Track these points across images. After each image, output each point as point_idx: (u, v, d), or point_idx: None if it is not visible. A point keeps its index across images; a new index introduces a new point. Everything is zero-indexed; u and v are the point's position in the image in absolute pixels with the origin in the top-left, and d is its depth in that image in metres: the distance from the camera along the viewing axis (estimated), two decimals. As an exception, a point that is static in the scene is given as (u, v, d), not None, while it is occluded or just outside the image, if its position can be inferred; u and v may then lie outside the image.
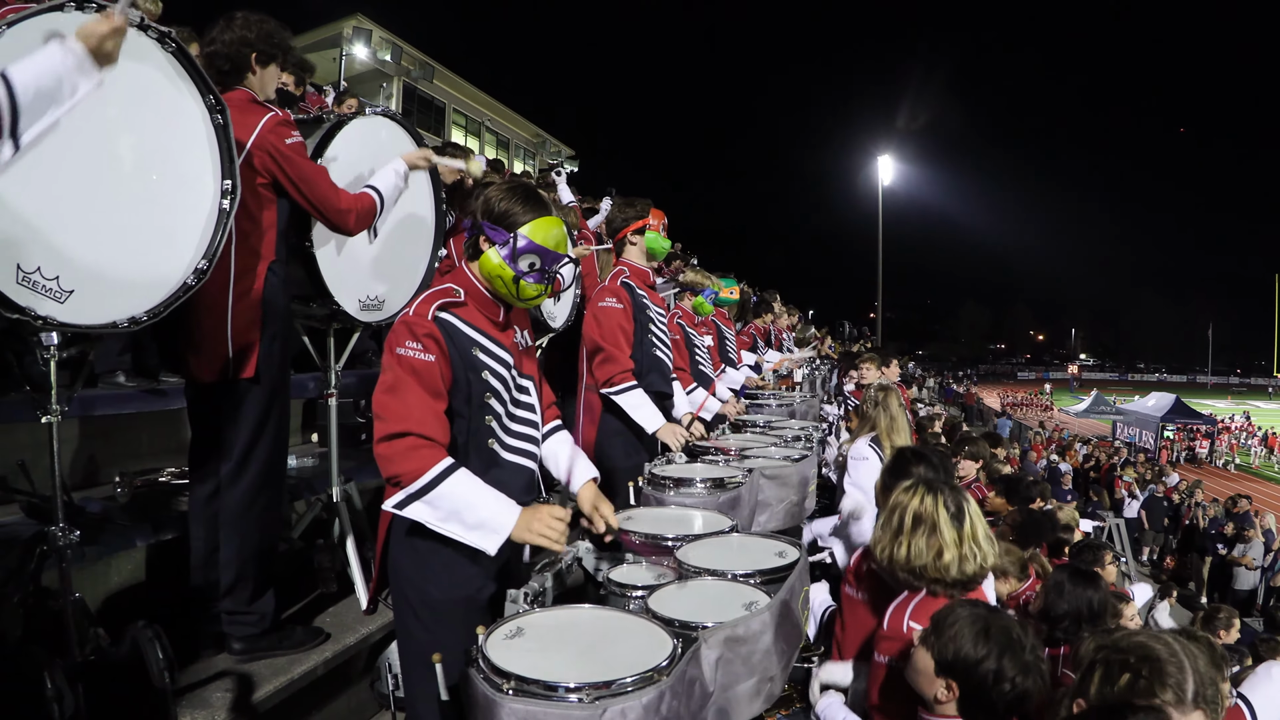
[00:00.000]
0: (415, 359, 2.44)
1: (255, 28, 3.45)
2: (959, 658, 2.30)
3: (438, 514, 2.38)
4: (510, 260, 2.58)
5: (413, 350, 2.44)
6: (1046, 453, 25.39)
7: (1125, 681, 1.84)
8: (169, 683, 2.80)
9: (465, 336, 2.57)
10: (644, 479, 3.49)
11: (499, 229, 2.60)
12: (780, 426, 5.21)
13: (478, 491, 2.41)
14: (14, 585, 2.89)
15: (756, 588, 2.37)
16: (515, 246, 2.58)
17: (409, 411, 2.40)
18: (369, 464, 5.09)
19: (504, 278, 2.60)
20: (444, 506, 2.37)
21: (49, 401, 2.80)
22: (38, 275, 2.59)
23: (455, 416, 2.58)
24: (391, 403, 2.42)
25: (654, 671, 1.79)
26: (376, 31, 26.06)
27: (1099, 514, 16.86)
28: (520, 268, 2.59)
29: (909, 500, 2.82)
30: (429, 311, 2.50)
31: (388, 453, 2.38)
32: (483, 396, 2.60)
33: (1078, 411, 46.17)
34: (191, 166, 3.08)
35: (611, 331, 4.37)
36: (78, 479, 4.41)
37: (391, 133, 4.18)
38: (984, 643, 2.26)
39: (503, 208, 2.62)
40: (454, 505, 2.37)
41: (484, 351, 2.61)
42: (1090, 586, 3.66)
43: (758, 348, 9.05)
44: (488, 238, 2.62)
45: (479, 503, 2.39)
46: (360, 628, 3.90)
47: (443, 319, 2.53)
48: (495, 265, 2.59)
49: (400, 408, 2.40)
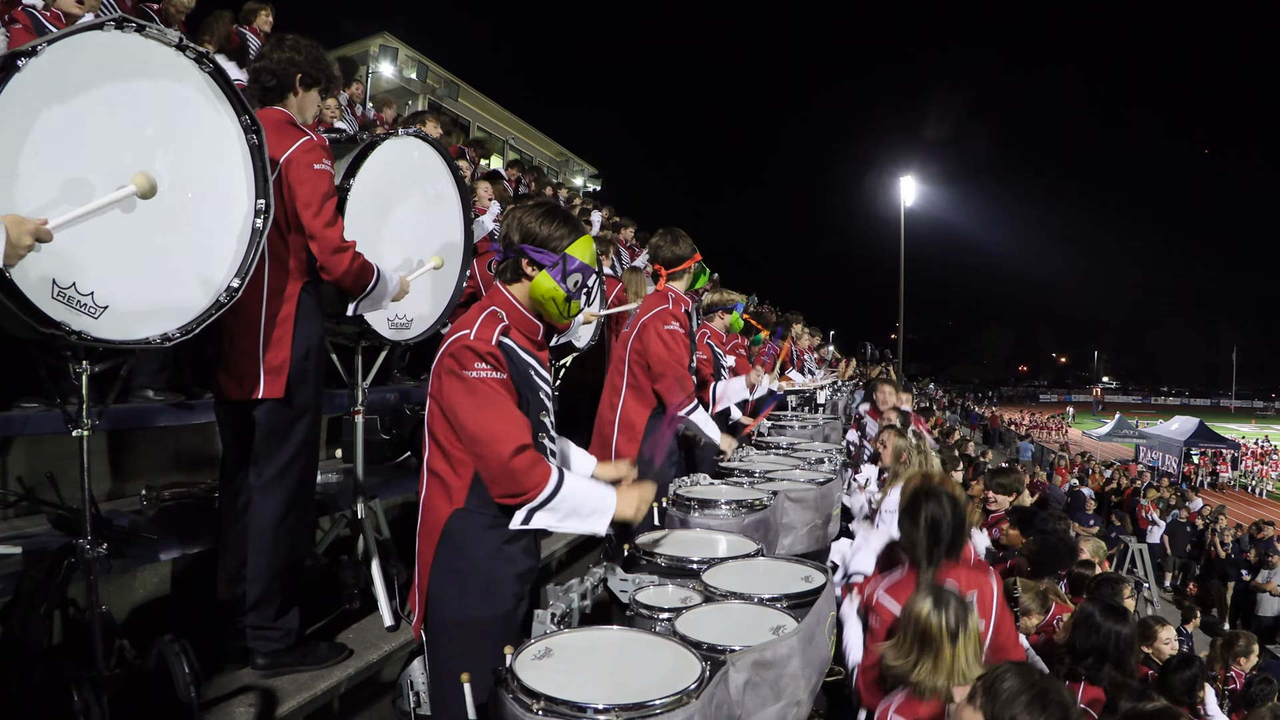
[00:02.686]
0: (493, 378, 2.49)
1: (305, 51, 3.51)
2: None
3: (557, 515, 2.52)
4: (561, 280, 2.65)
5: (485, 371, 2.49)
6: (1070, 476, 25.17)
7: None
8: (194, 697, 2.81)
9: (522, 360, 2.63)
10: (668, 499, 3.49)
11: (545, 252, 2.65)
12: (804, 449, 5.20)
13: (584, 486, 2.60)
14: (41, 597, 2.91)
15: (783, 612, 2.36)
16: (566, 268, 2.65)
17: (512, 427, 2.47)
18: (393, 481, 5.18)
19: (557, 299, 2.66)
20: (563, 508, 2.51)
21: (80, 415, 2.82)
22: (73, 290, 2.62)
23: None
24: (493, 422, 2.47)
25: (683, 694, 1.79)
26: (402, 50, 26.25)
27: (1121, 539, 16.71)
28: (569, 287, 2.67)
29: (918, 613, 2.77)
30: (493, 337, 2.54)
31: (515, 469, 2.45)
32: (538, 415, 2.67)
33: (1101, 435, 45.71)
34: (226, 185, 3.11)
35: (679, 355, 4.49)
36: (105, 492, 4.44)
37: (423, 153, 4.22)
38: (1040, 712, 2.22)
39: (546, 231, 2.67)
40: (573, 504, 2.52)
41: (535, 372, 2.67)
42: (1120, 622, 3.61)
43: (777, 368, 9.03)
44: (533, 261, 2.66)
45: (588, 495, 2.58)
46: (383, 644, 3.90)
47: (505, 344, 2.57)
48: (549, 287, 2.65)
49: (504, 425, 2.47)
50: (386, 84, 26.00)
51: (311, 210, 3.40)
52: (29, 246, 2.32)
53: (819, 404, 8.30)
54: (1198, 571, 17.79)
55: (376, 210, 3.89)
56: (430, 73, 27.33)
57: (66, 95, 2.58)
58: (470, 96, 30.02)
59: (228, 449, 3.57)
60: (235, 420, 3.50)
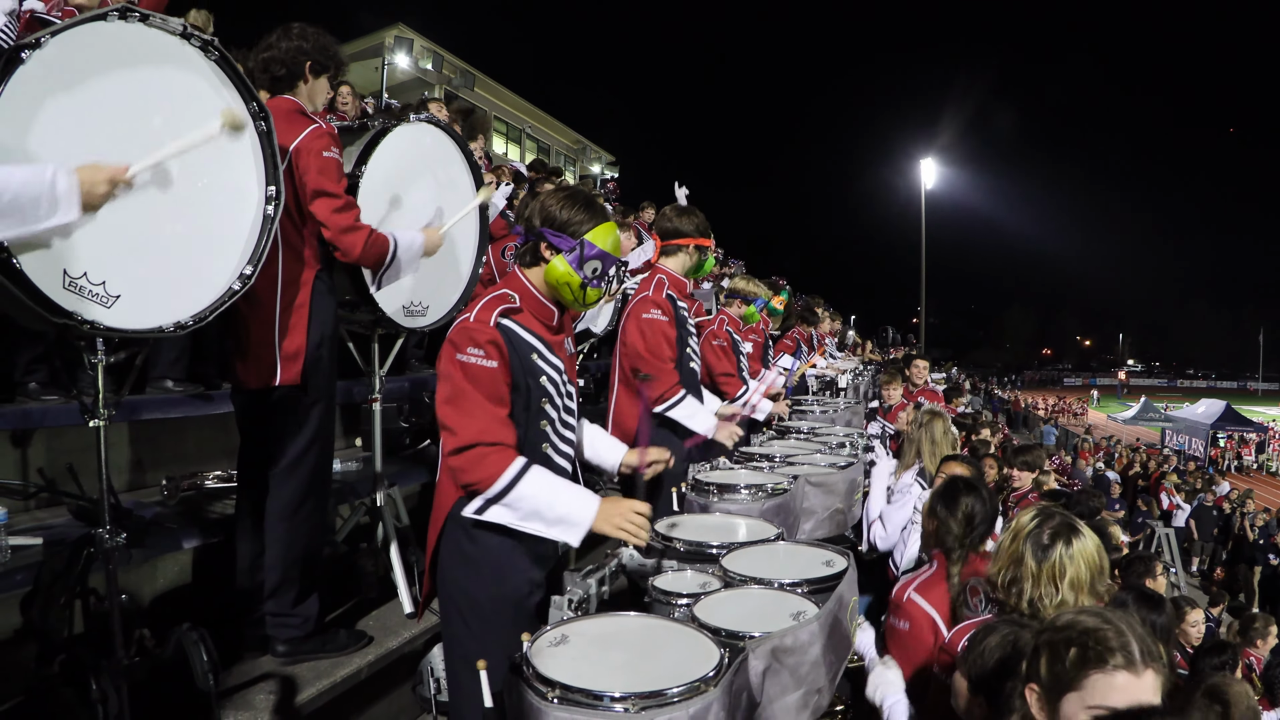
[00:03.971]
0: (476, 365, 2.45)
1: (313, 39, 3.50)
2: (983, 675, 2.24)
3: (518, 514, 2.44)
4: (577, 267, 2.61)
5: (474, 357, 2.45)
6: (1094, 460, 24.97)
7: (1074, 656, 1.82)
8: (213, 685, 2.81)
9: (524, 343, 2.59)
10: (687, 485, 3.45)
11: (563, 236, 2.62)
12: (825, 433, 5.15)
13: (554, 487, 2.48)
14: (61, 587, 2.92)
15: (804, 597, 2.32)
16: (583, 253, 2.61)
17: (473, 421, 2.42)
18: (412, 469, 5.16)
19: (571, 284, 2.62)
20: (523, 507, 2.43)
21: (96, 406, 2.82)
22: (84, 280, 2.61)
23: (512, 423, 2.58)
24: (454, 415, 2.44)
25: (701, 682, 1.75)
26: (418, 41, 26.32)
27: (1148, 523, 16.55)
28: (585, 274, 2.62)
29: (1017, 522, 2.71)
30: (490, 318, 2.51)
31: (459, 464, 2.43)
32: (540, 402, 2.62)
33: (1126, 418, 45.32)
34: (236, 173, 3.10)
35: (656, 344, 4.22)
36: (125, 482, 4.46)
37: (435, 139, 4.20)
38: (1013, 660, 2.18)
39: (565, 216, 2.63)
40: (534, 504, 2.43)
41: (540, 357, 2.62)
42: (1155, 610, 3.56)
43: (800, 353, 8.98)
44: (550, 245, 2.63)
45: (557, 499, 2.46)
46: (403, 631, 3.91)
47: (504, 325, 2.54)
48: (563, 272, 2.61)
49: (464, 419, 2.43)
50: (402, 75, 26.06)
51: (319, 198, 3.39)
52: (105, 194, 2.42)
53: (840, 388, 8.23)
54: (1224, 556, 17.60)
55: (389, 197, 3.87)
56: (446, 63, 27.39)
57: (71, 86, 2.58)
58: (486, 86, 30.07)
59: (245, 437, 3.58)
60: (252, 408, 3.50)
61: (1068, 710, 1.82)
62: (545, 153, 34.21)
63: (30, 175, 2.24)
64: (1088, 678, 1.80)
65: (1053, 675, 1.86)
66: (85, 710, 2.68)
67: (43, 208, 2.26)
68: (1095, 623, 1.89)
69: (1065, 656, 1.84)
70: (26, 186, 2.22)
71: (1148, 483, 21.24)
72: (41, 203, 2.26)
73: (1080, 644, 1.84)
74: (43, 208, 2.26)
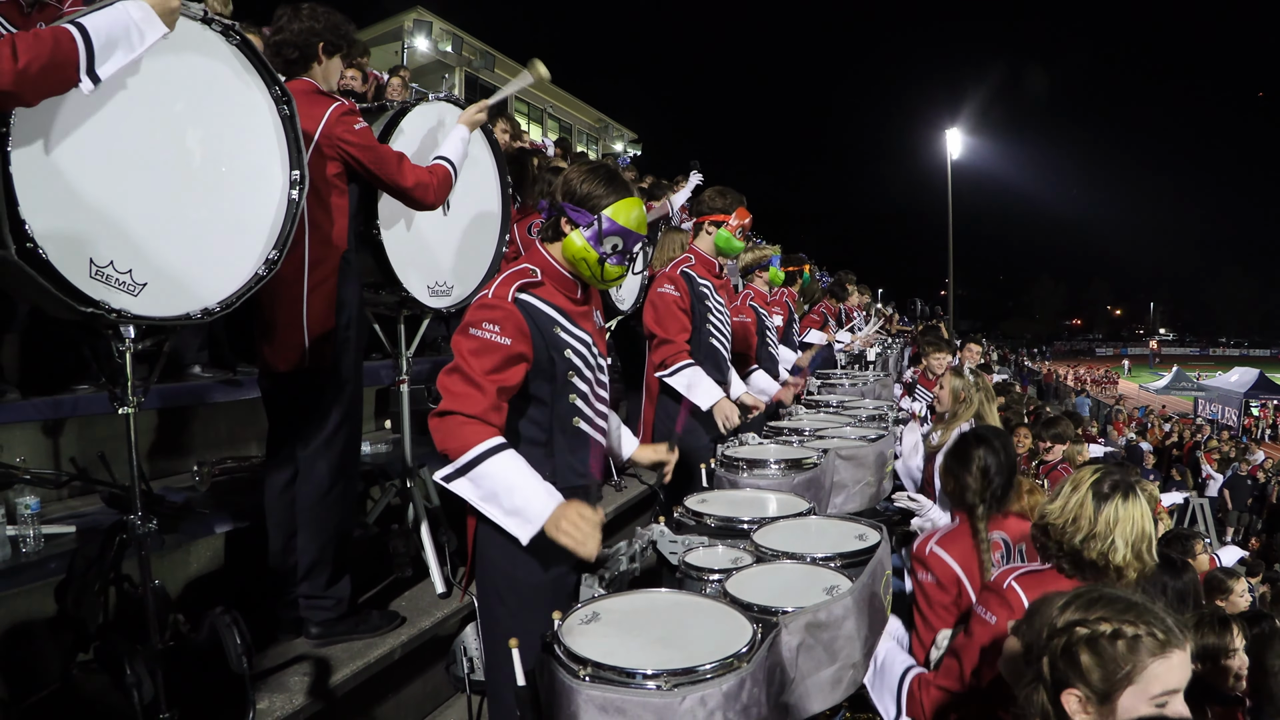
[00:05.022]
0: (486, 339, 2.41)
1: (323, 18, 3.48)
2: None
3: (479, 492, 2.37)
4: (595, 242, 2.57)
5: (487, 331, 2.41)
6: (1128, 429, 24.72)
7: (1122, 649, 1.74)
8: (247, 668, 2.83)
9: (546, 316, 2.55)
10: (716, 461, 3.44)
11: (581, 211, 2.58)
12: (854, 406, 5.11)
13: (520, 476, 2.36)
14: (95, 574, 2.94)
15: (837, 571, 2.30)
16: (600, 229, 2.56)
17: (466, 391, 2.38)
18: (441, 450, 5.16)
19: (589, 260, 2.58)
20: (485, 486, 2.35)
21: (125, 393, 2.83)
22: (111, 269, 2.62)
23: (538, 401, 2.56)
24: (450, 382, 2.41)
25: (734, 658, 1.74)
26: (437, 23, 26.29)
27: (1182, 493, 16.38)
28: (604, 249, 2.57)
29: (1081, 470, 2.70)
30: (508, 293, 2.48)
31: (437, 426, 2.39)
32: (566, 375, 2.58)
33: (1158, 388, 44.80)
34: (260, 158, 3.09)
35: (664, 316, 4.30)
36: (157, 469, 4.49)
37: (454, 117, 4.17)
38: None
39: (585, 190, 2.59)
40: (494, 486, 2.34)
41: (564, 330, 2.58)
42: (1173, 575, 3.52)
43: (828, 326, 8.93)
44: (570, 220, 2.59)
45: (518, 488, 2.34)
46: (435, 611, 3.92)
47: (523, 300, 2.50)
48: (580, 248, 2.57)
49: (458, 386, 2.39)
50: (422, 58, 26.04)
51: (382, 166, 3.43)
52: (175, 9, 2.59)
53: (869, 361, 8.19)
54: (1260, 525, 17.38)
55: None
56: (465, 44, 27.32)
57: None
58: (506, 67, 29.95)
59: (274, 421, 3.59)
60: (280, 392, 3.51)
61: (1126, 704, 1.73)
62: (568, 131, 34.10)
63: (109, 13, 2.43)
64: (1144, 668, 1.72)
65: (1102, 674, 1.76)
66: (120, 696, 2.70)
67: (134, 35, 2.47)
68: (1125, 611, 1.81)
69: (1112, 652, 1.75)
70: (114, 22, 2.42)
71: (1181, 453, 21.03)
72: (131, 31, 2.46)
73: (1121, 636, 1.76)
74: (134, 35, 2.47)
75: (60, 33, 2.30)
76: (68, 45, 2.30)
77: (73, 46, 2.31)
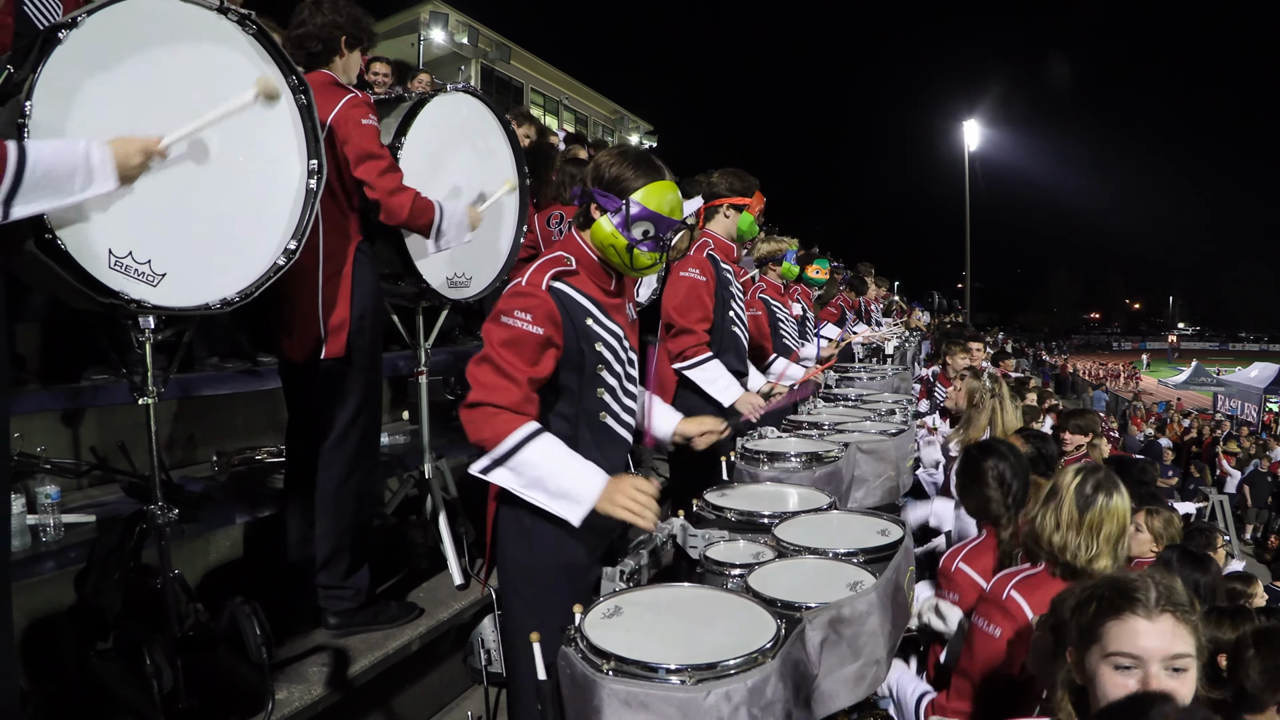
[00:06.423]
0: (519, 328, 2.37)
1: (344, 12, 3.48)
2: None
3: (521, 480, 2.34)
4: (623, 228, 2.50)
5: (519, 320, 2.37)
6: (1145, 426, 24.56)
7: (1094, 609, 1.88)
8: (266, 658, 2.83)
9: (579, 306, 2.51)
10: (736, 454, 3.41)
11: (610, 196, 2.51)
12: (873, 400, 5.08)
13: (562, 458, 2.36)
14: (115, 563, 2.95)
15: (860, 567, 2.27)
16: (628, 214, 2.49)
17: (498, 381, 2.34)
18: (460, 441, 5.11)
19: (617, 246, 2.52)
20: (527, 473, 2.33)
21: (145, 384, 2.83)
22: (130, 260, 2.61)
23: (565, 393, 2.53)
24: (480, 372, 2.37)
25: (758, 653, 1.72)
26: (452, 15, 26.22)
27: (1201, 490, 16.26)
28: (634, 235, 2.51)
29: (1060, 475, 2.73)
30: (543, 281, 2.43)
31: (470, 418, 2.35)
32: (595, 368, 2.54)
33: (1177, 383, 44.49)
34: (277, 148, 3.08)
35: (687, 303, 4.22)
36: (176, 458, 4.50)
37: (472, 108, 4.16)
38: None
39: (614, 173, 2.53)
40: (537, 472, 2.32)
41: (596, 322, 2.53)
42: (1198, 569, 3.48)
43: (845, 321, 8.88)
44: (599, 205, 2.53)
45: (563, 470, 2.34)
46: (453, 603, 3.92)
47: (556, 288, 2.46)
48: (608, 234, 2.51)
49: (489, 377, 2.35)
50: (438, 50, 26.01)
51: (364, 162, 3.37)
52: (140, 165, 2.43)
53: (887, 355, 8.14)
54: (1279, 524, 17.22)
55: (428, 168, 3.83)
56: (482, 36, 27.28)
57: (109, 65, 2.56)
58: (522, 58, 29.95)
59: (292, 411, 3.60)
60: (298, 382, 3.52)
61: (1091, 663, 1.86)
62: (583, 123, 34.04)
63: (63, 147, 2.25)
64: (1104, 627, 1.84)
65: (1079, 631, 1.91)
66: (139, 684, 2.71)
67: (78, 180, 2.28)
68: (1117, 576, 1.97)
69: (1089, 611, 1.90)
70: (60, 159, 2.23)
71: (1200, 449, 20.87)
72: (76, 175, 2.27)
73: (1099, 596, 1.89)
74: (78, 180, 2.28)
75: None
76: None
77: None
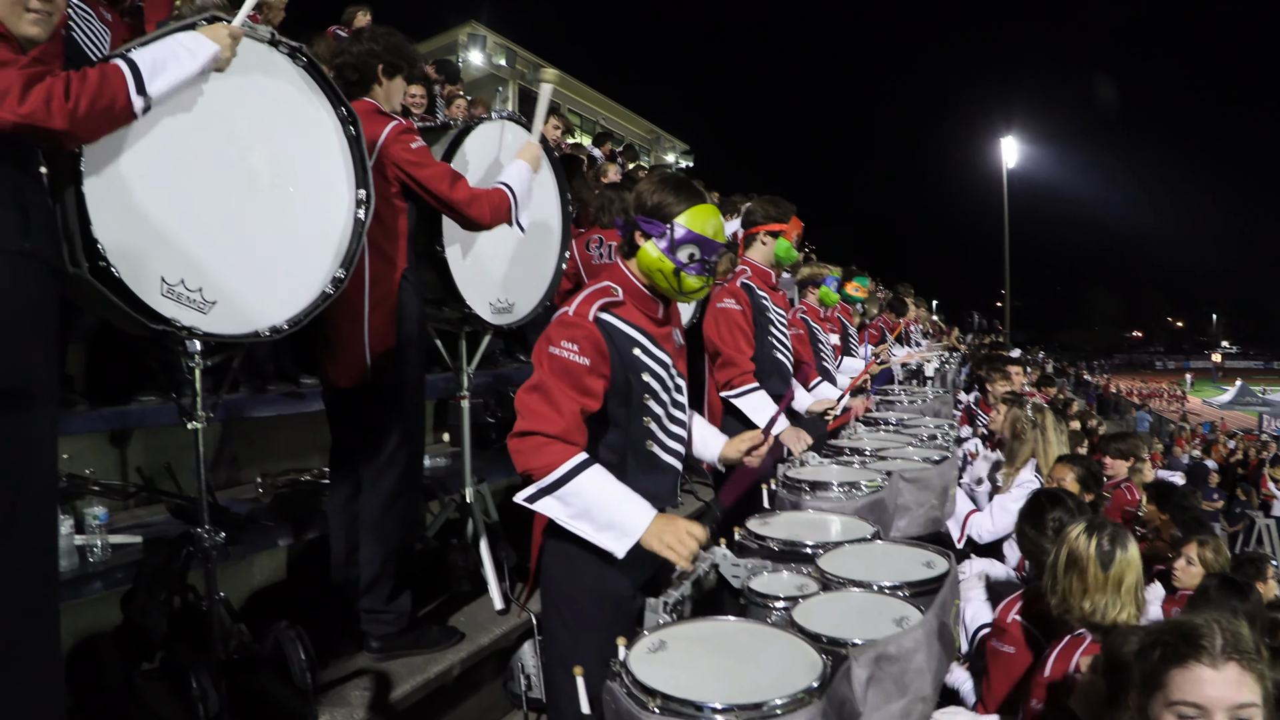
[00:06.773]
0: (566, 359, 2.38)
1: (383, 40, 3.52)
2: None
3: (569, 510, 2.33)
4: (669, 252, 2.51)
5: (566, 350, 2.38)
6: (1190, 447, 24.13)
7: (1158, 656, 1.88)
8: (310, 682, 2.85)
9: (625, 336, 2.51)
10: (777, 482, 3.40)
11: (654, 222, 2.53)
12: (914, 424, 5.03)
13: (611, 490, 2.35)
14: (161, 584, 2.98)
15: (906, 601, 2.25)
16: (673, 238, 2.51)
17: (547, 410, 2.34)
18: (500, 464, 5.19)
19: (664, 271, 2.52)
20: (576, 504, 2.32)
21: (194, 408, 2.87)
22: (181, 287, 2.66)
23: (612, 423, 2.53)
24: (530, 401, 2.37)
25: (805, 693, 1.70)
26: (490, 37, 26.51)
27: (1247, 513, 15.93)
28: (680, 259, 2.52)
29: (1070, 537, 2.75)
30: (590, 312, 2.44)
31: (518, 448, 2.35)
32: (642, 398, 2.54)
33: (1222, 403, 43.77)
34: (326, 177, 3.13)
35: (730, 333, 4.29)
36: (220, 479, 4.56)
37: (516, 135, 4.20)
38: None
39: (656, 200, 2.54)
40: (586, 503, 2.32)
41: (644, 352, 2.54)
42: (1238, 596, 3.43)
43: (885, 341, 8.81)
44: (643, 232, 2.54)
45: (612, 502, 2.33)
46: (494, 628, 3.92)
47: (603, 320, 2.47)
48: (655, 259, 2.52)
49: (538, 406, 2.35)
50: (476, 71, 26.28)
51: (434, 183, 3.41)
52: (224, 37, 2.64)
53: (927, 377, 8.05)
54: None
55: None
56: (519, 58, 27.53)
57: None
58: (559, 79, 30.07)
59: (336, 436, 3.63)
60: (343, 407, 3.55)
61: (1155, 711, 1.85)
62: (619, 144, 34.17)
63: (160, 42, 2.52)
64: (1168, 674, 1.83)
65: (1143, 678, 1.90)
66: (185, 706, 2.73)
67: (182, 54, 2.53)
68: (1182, 621, 1.93)
69: (1152, 658, 1.89)
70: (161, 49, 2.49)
71: (1246, 471, 20.45)
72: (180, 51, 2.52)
73: (1163, 642, 1.88)
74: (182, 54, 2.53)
75: (108, 68, 2.34)
76: (115, 78, 2.33)
77: (120, 78, 2.35)
